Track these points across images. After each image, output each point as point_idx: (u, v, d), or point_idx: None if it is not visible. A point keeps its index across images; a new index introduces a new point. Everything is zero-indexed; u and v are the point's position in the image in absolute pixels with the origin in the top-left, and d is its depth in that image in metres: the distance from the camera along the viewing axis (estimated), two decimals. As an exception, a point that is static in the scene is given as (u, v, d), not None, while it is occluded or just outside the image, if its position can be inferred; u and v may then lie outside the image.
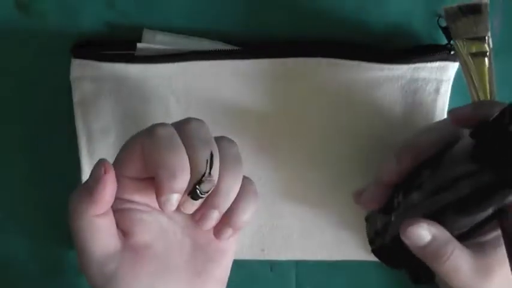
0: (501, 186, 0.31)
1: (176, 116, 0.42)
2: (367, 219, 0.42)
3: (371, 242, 0.41)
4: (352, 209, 0.42)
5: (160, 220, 0.37)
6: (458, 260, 0.35)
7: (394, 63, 0.41)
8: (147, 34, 0.41)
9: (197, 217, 0.35)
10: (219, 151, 0.34)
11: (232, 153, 0.35)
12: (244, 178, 0.36)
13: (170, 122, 0.42)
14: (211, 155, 0.33)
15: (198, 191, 0.33)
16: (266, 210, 0.45)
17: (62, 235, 0.47)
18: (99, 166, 0.33)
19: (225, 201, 0.34)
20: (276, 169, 0.44)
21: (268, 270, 0.48)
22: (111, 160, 0.44)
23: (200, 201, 0.34)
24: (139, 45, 0.41)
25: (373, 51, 0.41)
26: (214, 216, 0.34)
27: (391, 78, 0.41)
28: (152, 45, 0.41)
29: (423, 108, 0.42)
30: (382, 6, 0.41)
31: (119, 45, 0.41)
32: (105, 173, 0.33)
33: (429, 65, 0.41)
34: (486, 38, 0.39)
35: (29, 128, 0.45)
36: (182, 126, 0.34)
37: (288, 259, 0.47)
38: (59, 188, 0.46)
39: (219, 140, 0.36)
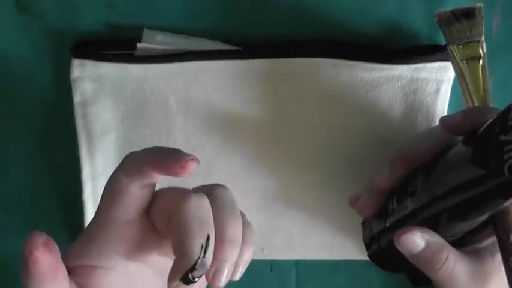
0: (495, 195, 0.31)
1: (176, 116, 0.43)
2: (363, 223, 0.42)
3: (367, 246, 0.41)
4: (352, 209, 0.42)
5: (129, 269, 0.33)
6: (453, 267, 0.35)
7: (394, 63, 0.41)
8: (147, 34, 0.41)
9: (210, 276, 0.31)
10: (216, 200, 0.32)
11: (229, 199, 0.33)
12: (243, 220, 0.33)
13: (169, 121, 0.43)
14: (208, 239, 0.30)
15: (191, 276, 0.29)
16: (266, 210, 0.45)
17: (62, 235, 0.47)
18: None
19: (234, 250, 0.31)
20: (276, 169, 0.44)
21: (268, 270, 0.48)
22: (110, 158, 0.44)
23: (192, 285, 0.30)
24: (139, 45, 0.41)
25: (373, 52, 0.41)
26: (227, 270, 0.31)
27: (391, 79, 0.41)
28: (152, 45, 0.41)
29: (423, 108, 0.42)
30: (382, 6, 0.41)
31: (119, 45, 0.41)
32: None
33: (429, 65, 0.41)
34: (480, 42, 0.39)
35: (29, 127, 0.45)
36: None
37: (288, 259, 0.47)
38: (59, 187, 0.46)
39: (213, 188, 0.33)
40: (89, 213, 0.45)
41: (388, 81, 0.41)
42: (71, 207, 0.46)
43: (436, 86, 0.41)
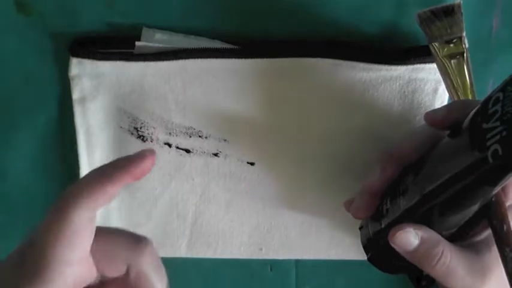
0: (482, 182, 0.31)
1: (174, 114, 0.43)
2: (360, 228, 0.42)
3: (365, 250, 0.41)
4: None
5: None
6: (450, 261, 0.35)
7: (392, 64, 0.41)
8: (146, 32, 0.41)
9: None
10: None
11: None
12: None
13: (167, 119, 0.43)
14: None
15: None
16: (264, 209, 0.45)
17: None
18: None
19: None
20: (274, 168, 0.44)
21: (268, 270, 0.49)
22: (108, 155, 0.44)
23: None
24: (137, 43, 0.41)
25: (371, 52, 0.41)
26: None
27: (389, 79, 0.41)
28: (151, 44, 0.41)
29: (421, 108, 0.42)
30: (381, 7, 0.41)
31: (117, 43, 0.42)
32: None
33: (427, 65, 0.41)
34: (461, 38, 0.39)
35: (29, 125, 0.45)
36: None
37: (286, 258, 0.47)
38: (58, 184, 0.46)
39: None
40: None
41: (387, 81, 0.41)
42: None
43: (434, 86, 0.41)
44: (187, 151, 0.44)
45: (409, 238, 0.35)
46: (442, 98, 0.42)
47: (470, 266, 0.35)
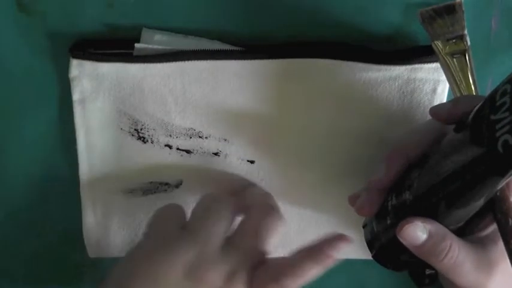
0: (491, 173, 0.31)
1: (174, 116, 0.43)
2: (364, 226, 0.42)
3: (370, 247, 0.41)
4: (350, 208, 0.42)
5: None
6: (457, 255, 0.35)
7: (391, 64, 0.41)
8: (145, 33, 0.41)
9: None
10: None
11: None
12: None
13: (167, 121, 0.43)
14: None
15: None
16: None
17: (63, 233, 0.47)
18: None
19: None
20: (274, 168, 0.45)
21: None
22: (108, 156, 0.44)
23: None
24: (137, 45, 0.41)
25: (370, 52, 0.42)
26: None
27: (388, 79, 0.41)
28: (150, 46, 0.41)
29: (420, 108, 0.42)
30: (381, 7, 0.41)
31: (117, 44, 0.42)
32: None
33: (426, 65, 0.41)
34: (463, 36, 0.39)
35: (29, 125, 0.45)
36: None
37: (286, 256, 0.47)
38: (58, 185, 0.46)
39: None
40: (86, 211, 0.45)
41: (386, 82, 0.42)
42: (70, 205, 0.46)
43: (433, 86, 0.42)
44: (188, 151, 0.44)
45: (417, 232, 0.35)
46: (441, 97, 0.42)
47: (477, 261, 0.35)
